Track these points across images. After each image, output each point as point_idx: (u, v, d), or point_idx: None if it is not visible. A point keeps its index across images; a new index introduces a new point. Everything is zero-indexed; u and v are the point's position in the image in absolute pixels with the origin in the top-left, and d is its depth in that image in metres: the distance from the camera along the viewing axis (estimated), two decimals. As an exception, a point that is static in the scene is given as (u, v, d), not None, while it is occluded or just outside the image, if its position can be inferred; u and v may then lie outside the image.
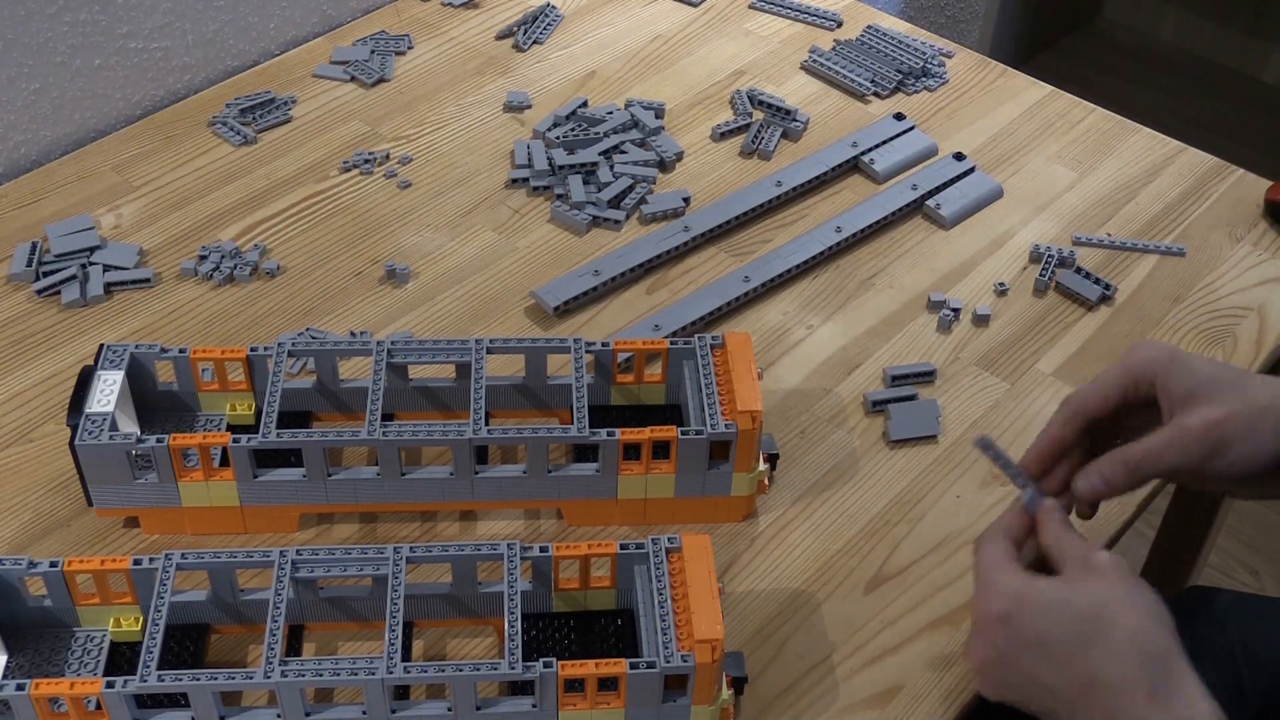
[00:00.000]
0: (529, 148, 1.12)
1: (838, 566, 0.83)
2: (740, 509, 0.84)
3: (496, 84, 1.22)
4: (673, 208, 1.08)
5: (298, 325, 0.98)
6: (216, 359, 0.85)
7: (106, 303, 0.99)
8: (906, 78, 1.23)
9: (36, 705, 0.67)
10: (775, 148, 1.14)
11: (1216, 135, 2.20)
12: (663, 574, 0.72)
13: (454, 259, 1.04)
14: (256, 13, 1.23)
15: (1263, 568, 1.78)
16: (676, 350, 0.86)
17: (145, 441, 0.78)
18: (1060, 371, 0.95)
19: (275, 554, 0.73)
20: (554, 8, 1.30)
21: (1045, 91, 1.23)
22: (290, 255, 1.04)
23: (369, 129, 1.16)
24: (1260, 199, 1.10)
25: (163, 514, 0.82)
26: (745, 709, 0.75)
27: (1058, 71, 2.38)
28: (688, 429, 0.80)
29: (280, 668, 0.67)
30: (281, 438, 0.79)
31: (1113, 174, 1.13)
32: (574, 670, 0.68)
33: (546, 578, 0.76)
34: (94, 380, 0.81)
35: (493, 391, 0.87)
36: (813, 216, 1.08)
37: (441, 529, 0.84)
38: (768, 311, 1.00)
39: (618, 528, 0.84)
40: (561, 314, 0.99)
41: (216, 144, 1.14)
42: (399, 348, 0.84)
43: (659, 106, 1.18)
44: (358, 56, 1.23)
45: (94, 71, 1.14)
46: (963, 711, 0.76)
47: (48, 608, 0.75)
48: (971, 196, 1.09)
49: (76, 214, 1.06)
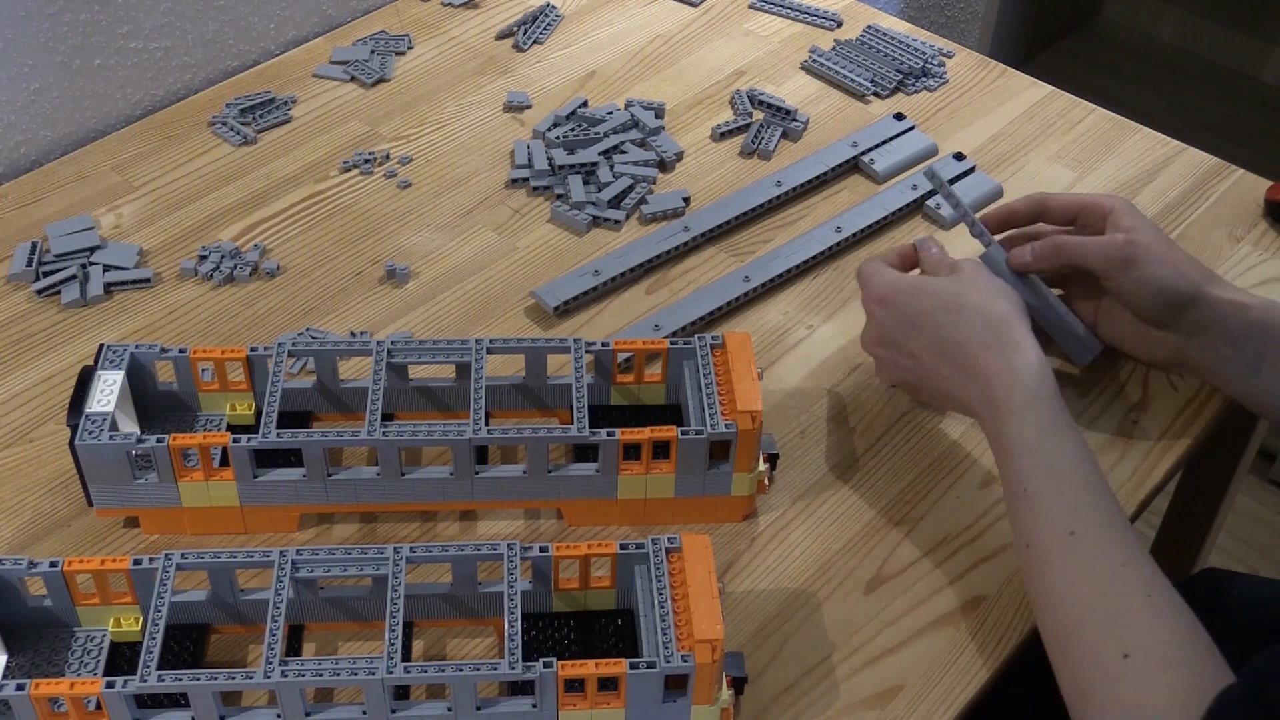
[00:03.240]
0: (529, 148, 1.13)
1: (838, 566, 0.83)
2: (740, 509, 0.84)
3: (496, 84, 1.22)
4: (673, 208, 1.08)
5: (298, 325, 0.98)
6: (216, 359, 0.85)
7: (106, 303, 0.99)
8: (906, 78, 1.23)
9: (36, 705, 0.67)
10: (775, 148, 1.14)
11: (1216, 135, 2.20)
12: (663, 574, 0.72)
13: (454, 259, 1.04)
14: (256, 13, 1.23)
15: (1263, 567, 1.78)
16: (676, 350, 0.86)
17: (145, 441, 0.78)
18: (1061, 371, 0.95)
19: (275, 554, 0.73)
20: (554, 8, 1.30)
21: (1045, 91, 1.23)
22: (290, 255, 1.04)
23: (369, 129, 1.16)
24: (1260, 199, 1.10)
25: (163, 514, 0.82)
26: (745, 709, 0.75)
27: (1058, 71, 2.38)
28: (688, 429, 0.80)
29: (280, 668, 0.67)
30: (281, 438, 0.79)
31: (1113, 174, 1.13)
32: (574, 670, 0.68)
33: (546, 578, 0.76)
34: (94, 380, 0.81)
35: (493, 391, 0.87)
36: (813, 216, 1.09)
37: (441, 529, 0.84)
38: (768, 311, 1.00)
39: (618, 528, 0.84)
40: (561, 314, 0.99)
41: (216, 144, 1.14)
42: (399, 348, 0.84)
43: (659, 106, 1.18)
44: (358, 56, 1.23)
45: (94, 71, 1.14)
46: (963, 711, 0.76)
47: (48, 608, 0.75)
48: (972, 196, 1.09)
49: (76, 214, 1.06)
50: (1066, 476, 0.74)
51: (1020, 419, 0.76)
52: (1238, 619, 0.92)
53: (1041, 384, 0.77)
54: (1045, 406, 0.77)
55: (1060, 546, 0.72)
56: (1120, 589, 0.70)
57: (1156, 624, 0.68)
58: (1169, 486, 1.05)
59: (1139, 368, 0.95)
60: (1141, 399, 0.93)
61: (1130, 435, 0.91)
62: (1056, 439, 0.76)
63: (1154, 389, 0.94)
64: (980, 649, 0.78)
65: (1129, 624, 0.68)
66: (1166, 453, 0.90)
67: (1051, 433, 0.76)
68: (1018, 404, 0.77)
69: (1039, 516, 0.74)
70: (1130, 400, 0.93)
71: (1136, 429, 0.91)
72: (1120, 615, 0.69)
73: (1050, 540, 0.73)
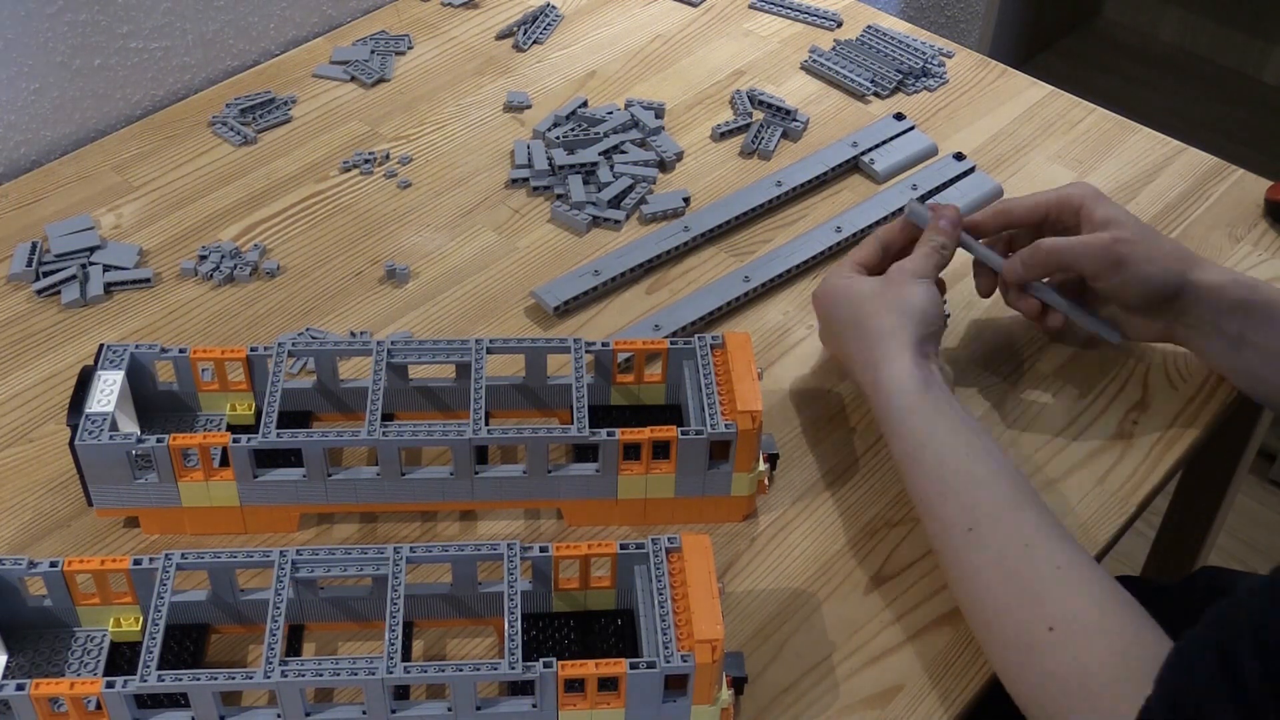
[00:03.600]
0: (529, 148, 1.13)
1: (838, 566, 0.83)
2: (740, 509, 0.84)
3: (496, 84, 1.22)
4: (673, 208, 1.08)
5: (298, 325, 0.98)
6: (216, 359, 0.85)
7: (106, 303, 0.99)
8: (906, 78, 1.23)
9: (36, 705, 0.67)
10: (775, 148, 1.14)
11: (1216, 135, 2.20)
12: (663, 574, 0.72)
13: (454, 259, 1.04)
14: (256, 13, 1.23)
15: (1263, 567, 1.78)
16: (676, 350, 0.86)
17: (145, 441, 0.78)
18: (1061, 371, 0.95)
19: (275, 554, 0.73)
20: (554, 8, 1.30)
21: (1045, 91, 1.23)
22: (290, 255, 1.04)
23: (369, 129, 1.16)
24: (1260, 199, 1.10)
25: (163, 514, 0.82)
26: (745, 709, 0.75)
27: (1058, 71, 2.38)
28: (688, 429, 0.80)
29: (280, 668, 0.67)
30: (281, 438, 0.79)
31: (1113, 174, 1.13)
32: (574, 670, 0.68)
33: (546, 578, 0.76)
34: (94, 380, 0.81)
35: (493, 391, 0.87)
36: (813, 216, 1.09)
37: (441, 529, 0.84)
38: (768, 311, 1.00)
39: (618, 528, 0.84)
40: (561, 314, 0.99)
41: (216, 144, 1.14)
42: (399, 348, 0.84)
43: (659, 106, 1.18)
44: (358, 56, 1.23)
45: (94, 71, 1.14)
46: (963, 711, 0.76)
47: (48, 608, 0.75)
48: (971, 196, 1.09)
49: (76, 214, 1.06)
50: (951, 478, 0.77)
51: (897, 433, 0.80)
52: None
53: (907, 394, 0.80)
54: (917, 417, 0.79)
55: (963, 546, 0.74)
56: (1029, 570, 0.71)
57: (1072, 596, 0.70)
58: (1169, 486, 1.05)
59: (1139, 367, 0.95)
60: (1141, 399, 0.93)
61: (1130, 435, 0.91)
62: (935, 443, 0.78)
63: (1154, 389, 0.94)
64: (980, 649, 0.78)
65: (1046, 599, 0.70)
66: (1166, 453, 0.90)
67: (929, 439, 0.78)
68: (893, 419, 0.80)
69: (937, 521, 0.77)
70: (1130, 400, 0.93)
71: (1136, 429, 0.91)
72: (1034, 593, 0.71)
73: (953, 543, 0.75)
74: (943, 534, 0.76)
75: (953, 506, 0.76)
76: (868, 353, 0.83)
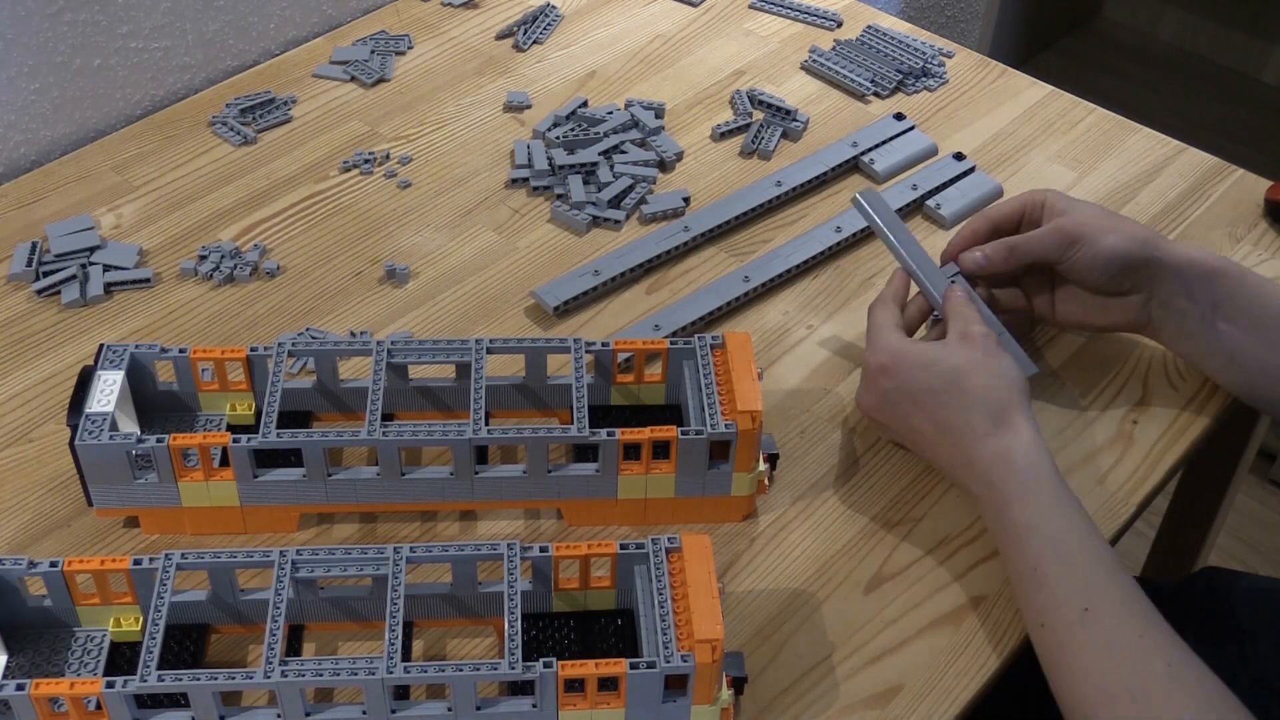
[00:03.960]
0: (529, 148, 1.13)
1: (838, 566, 0.83)
2: (740, 509, 0.84)
3: (496, 84, 1.22)
4: (673, 208, 1.08)
5: (298, 325, 0.98)
6: (216, 359, 0.85)
7: (106, 303, 0.99)
8: (906, 78, 1.23)
9: (36, 705, 0.67)
10: (775, 148, 1.14)
11: (1216, 135, 2.20)
12: (663, 574, 0.72)
13: (454, 259, 1.04)
14: (256, 13, 1.23)
15: (1263, 568, 1.78)
16: (676, 350, 0.86)
17: (145, 441, 0.78)
18: (1062, 370, 0.95)
19: (275, 554, 0.73)
20: (554, 8, 1.30)
21: (1045, 91, 1.23)
22: (290, 255, 1.04)
23: (369, 129, 1.16)
24: (1260, 199, 1.10)
25: (163, 514, 0.82)
26: (745, 709, 0.75)
27: (1058, 71, 2.38)
28: (688, 429, 0.80)
29: (280, 668, 0.67)
30: (281, 438, 0.79)
31: (1113, 174, 1.13)
32: (574, 670, 0.68)
33: (546, 578, 0.76)
34: (94, 380, 0.81)
35: (493, 391, 0.87)
36: (813, 216, 1.09)
37: (441, 529, 0.84)
38: (768, 311, 1.00)
39: (618, 528, 0.84)
40: (561, 314, 0.99)
41: (216, 144, 1.14)
42: (399, 348, 0.84)
43: (659, 106, 1.18)
44: (358, 56, 1.23)
45: (94, 71, 1.14)
46: (963, 711, 0.76)
47: (48, 608, 0.75)
48: (972, 196, 1.09)
49: (76, 214, 1.06)
50: (1075, 554, 0.74)
51: (1021, 503, 0.77)
52: (1238, 618, 0.92)
53: (1039, 466, 0.78)
54: (1045, 488, 0.77)
55: (1076, 624, 0.72)
56: (1141, 660, 0.69)
57: (1182, 692, 0.68)
58: (1169, 486, 1.05)
59: (1139, 367, 0.95)
60: (1141, 399, 0.93)
61: (1130, 435, 0.91)
62: (1060, 518, 0.76)
63: (1154, 389, 0.94)
64: (980, 649, 0.78)
65: (1154, 694, 0.68)
66: (1166, 453, 0.90)
67: (1054, 512, 0.76)
68: (1016, 489, 0.77)
69: (1052, 596, 0.74)
70: (1130, 400, 0.93)
71: (1136, 429, 0.91)
72: (1144, 686, 0.68)
73: (1065, 619, 0.72)
74: (1054, 609, 0.73)
75: (1070, 583, 0.73)
76: (990, 424, 0.79)
